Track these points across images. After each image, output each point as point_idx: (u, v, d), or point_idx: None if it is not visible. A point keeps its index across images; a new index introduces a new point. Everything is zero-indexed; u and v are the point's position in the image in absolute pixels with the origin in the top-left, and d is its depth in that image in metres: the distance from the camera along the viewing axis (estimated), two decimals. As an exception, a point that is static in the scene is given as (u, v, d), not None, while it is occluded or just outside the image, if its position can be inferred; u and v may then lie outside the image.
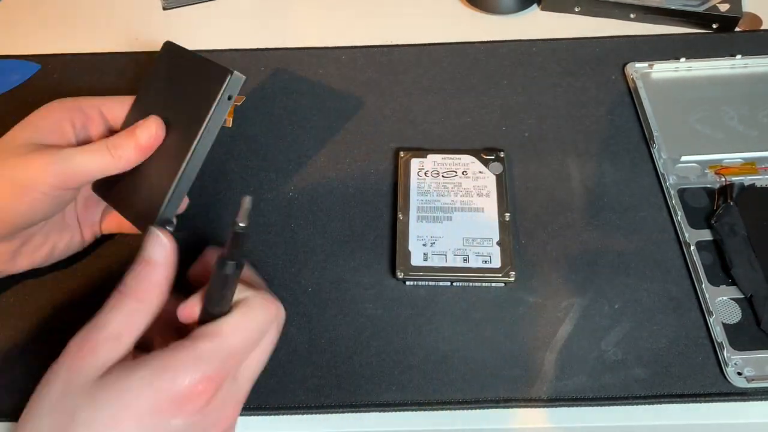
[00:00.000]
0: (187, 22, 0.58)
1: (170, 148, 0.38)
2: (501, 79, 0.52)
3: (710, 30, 0.55)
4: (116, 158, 0.37)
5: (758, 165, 0.46)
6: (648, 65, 0.52)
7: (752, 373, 0.38)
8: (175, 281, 0.34)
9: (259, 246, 0.44)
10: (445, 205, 0.44)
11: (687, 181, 0.46)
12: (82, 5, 0.60)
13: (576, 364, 0.39)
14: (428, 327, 0.41)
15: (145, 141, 0.38)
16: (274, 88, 0.53)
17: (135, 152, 0.38)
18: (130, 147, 0.38)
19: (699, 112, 0.49)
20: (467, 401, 0.38)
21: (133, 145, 0.38)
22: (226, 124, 0.50)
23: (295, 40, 0.56)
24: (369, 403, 0.38)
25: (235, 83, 0.37)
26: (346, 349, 0.40)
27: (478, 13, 0.58)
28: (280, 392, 0.39)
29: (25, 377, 0.39)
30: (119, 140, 0.38)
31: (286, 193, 0.47)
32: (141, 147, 0.38)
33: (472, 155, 0.47)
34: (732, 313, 0.40)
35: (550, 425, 0.38)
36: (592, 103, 0.51)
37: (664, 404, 0.38)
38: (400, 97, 0.52)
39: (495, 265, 0.42)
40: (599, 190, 0.46)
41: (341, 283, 0.43)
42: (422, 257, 0.42)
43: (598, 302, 0.41)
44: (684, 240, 0.43)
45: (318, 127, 0.50)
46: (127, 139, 0.38)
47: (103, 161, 0.37)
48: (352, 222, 0.45)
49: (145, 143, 0.38)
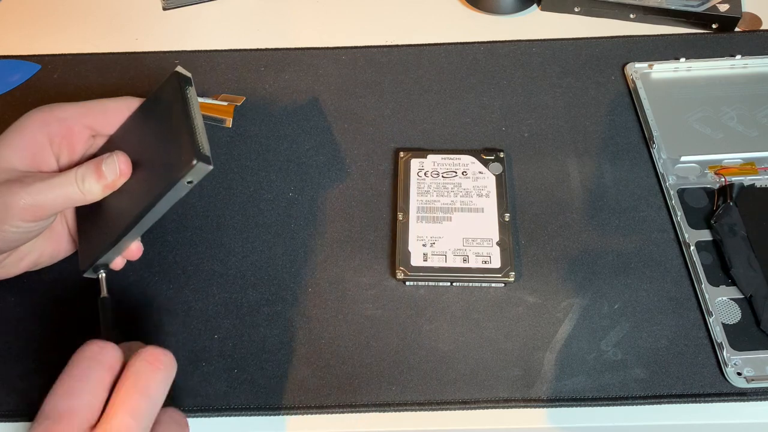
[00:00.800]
0: (187, 22, 0.58)
1: (132, 194, 0.38)
2: (501, 79, 0.52)
3: (710, 30, 0.55)
4: (84, 192, 0.37)
5: (758, 165, 0.46)
6: (648, 65, 0.52)
7: (752, 373, 0.38)
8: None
9: (258, 246, 0.44)
10: (444, 206, 0.44)
11: (687, 181, 0.46)
12: (82, 5, 0.60)
13: (575, 365, 0.39)
14: (428, 327, 0.41)
15: (110, 179, 0.37)
16: (274, 88, 0.53)
17: (101, 189, 0.37)
18: (95, 183, 0.37)
19: (699, 113, 0.50)
20: (467, 401, 0.38)
21: (97, 183, 0.37)
22: (226, 125, 0.50)
23: (295, 40, 0.56)
24: (369, 403, 0.38)
25: (199, 171, 0.35)
26: (346, 349, 0.40)
27: (478, 13, 0.58)
28: (280, 392, 0.39)
29: (21, 378, 0.39)
30: (87, 173, 0.37)
31: (286, 193, 0.47)
32: (107, 185, 0.37)
33: (471, 155, 0.47)
34: (732, 314, 0.40)
35: (549, 425, 0.38)
36: (591, 103, 0.51)
37: (664, 404, 0.38)
38: (400, 97, 0.52)
39: (495, 266, 0.42)
40: (599, 191, 0.46)
41: (341, 283, 0.43)
42: (422, 257, 0.42)
43: (597, 302, 0.41)
44: (684, 240, 0.43)
45: (318, 127, 0.50)
46: (94, 173, 0.37)
47: (71, 194, 0.36)
48: (352, 222, 0.45)
49: (110, 182, 0.37)
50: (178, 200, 0.37)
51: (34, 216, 0.36)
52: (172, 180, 0.35)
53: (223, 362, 0.40)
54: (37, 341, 0.41)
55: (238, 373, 0.40)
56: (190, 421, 0.38)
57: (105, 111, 0.39)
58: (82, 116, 0.38)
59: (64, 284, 0.43)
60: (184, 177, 0.35)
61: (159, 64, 0.54)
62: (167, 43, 0.56)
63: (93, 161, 0.37)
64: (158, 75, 0.53)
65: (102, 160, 0.37)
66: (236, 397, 0.39)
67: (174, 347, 0.40)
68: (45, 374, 0.39)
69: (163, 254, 0.44)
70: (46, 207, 0.36)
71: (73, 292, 0.43)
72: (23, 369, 0.40)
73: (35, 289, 0.43)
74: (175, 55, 0.55)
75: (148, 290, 0.43)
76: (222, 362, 0.40)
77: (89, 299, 0.42)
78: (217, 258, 0.44)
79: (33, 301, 0.42)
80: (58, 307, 0.42)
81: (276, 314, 0.42)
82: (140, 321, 0.42)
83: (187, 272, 0.43)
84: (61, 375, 0.30)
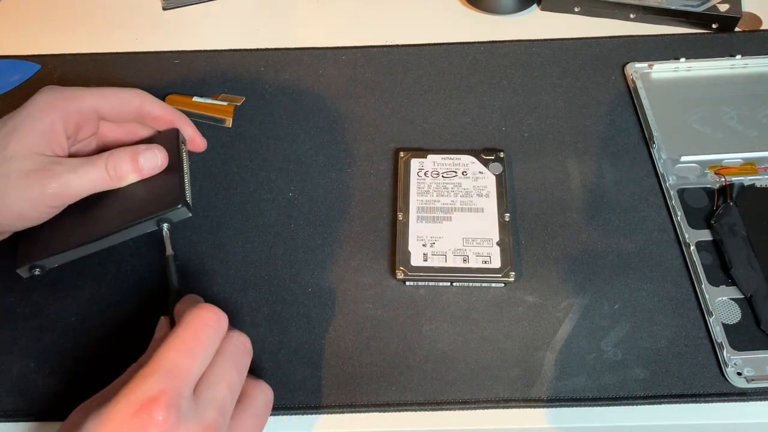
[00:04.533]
0: (187, 22, 0.58)
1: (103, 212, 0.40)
2: (501, 79, 0.52)
3: (710, 30, 0.55)
4: (113, 179, 0.39)
5: (758, 165, 0.46)
6: (648, 65, 0.52)
7: (752, 373, 0.38)
8: None
9: (259, 246, 0.44)
10: (444, 206, 0.44)
11: (687, 181, 0.46)
12: (82, 5, 0.60)
13: (576, 365, 0.39)
14: (428, 327, 0.41)
15: (147, 171, 0.40)
16: (274, 88, 0.53)
17: (133, 178, 0.40)
18: (131, 173, 0.40)
19: (699, 112, 0.50)
20: (467, 401, 0.38)
21: (133, 173, 0.40)
22: (226, 125, 0.50)
23: (295, 40, 0.56)
24: (369, 403, 0.38)
25: (179, 214, 0.39)
26: (346, 349, 0.40)
27: (478, 13, 0.58)
28: (280, 392, 0.39)
29: (23, 378, 0.39)
30: (119, 162, 0.39)
31: (286, 193, 0.47)
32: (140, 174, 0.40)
33: (471, 155, 0.47)
34: (732, 314, 0.40)
35: (549, 425, 0.38)
36: (591, 103, 0.51)
37: (664, 404, 0.38)
38: (400, 97, 0.52)
39: (495, 266, 0.42)
40: (599, 190, 0.46)
41: (341, 283, 0.43)
42: (422, 257, 0.42)
43: (597, 302, 0.41)
44: (684, 240, 0.43)
45: (318, 127, 0.50)
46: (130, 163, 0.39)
47: (100, 181, 0.39)
48: (352, 222, 0.45)
49: (147, 172, 0.40)
50: (139, 234, 0.40)
51: (61, 201, 0.38)
52: (151, 214, 0.39)
53: (223, 362, 0.40)
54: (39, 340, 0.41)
55: (238, 373, 0.40)
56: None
57: (118, 100, 0.41)
58: (95, 104, 0.40)
59: (64, 284, 0.43)
60: (163, 214, 0.39)
61: (159, 64, 0.54)
62: (167, 43, 0.56)
63: (125, 151, 0.40)
64: (158, 75, 0.53)
65: (138, 152, 0.39)
66: (236, 397, 0.39)
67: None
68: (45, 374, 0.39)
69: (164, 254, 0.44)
70: (73, 194, 0.38)
71: (72, 291, 0.42)
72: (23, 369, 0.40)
73: (35, 288, 0.43)
74: (175, 55, 0.55)
75: (148, 290, 0.43)
76: (222, 362, 0.40)
77: (89, 299, 0.42)
78: (217, 258, 0.44)
79: (33, 299, 0.42)
80: (60, 306, 0.42)
81: (276, 314, 0.42)
82: (141, 321, 0.41)
83: (187, 272, 0.43)
84: (181, 332, 0.31)
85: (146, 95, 0.42)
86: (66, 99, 0.39)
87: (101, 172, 0.38)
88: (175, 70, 0.54)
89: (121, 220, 0.39)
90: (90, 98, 0.40)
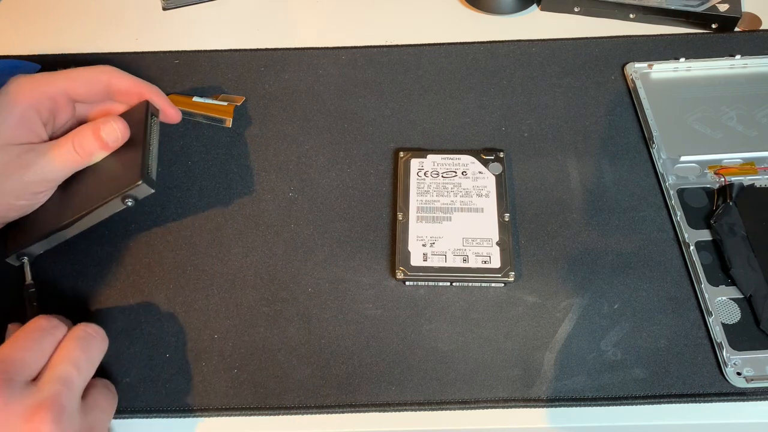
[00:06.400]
0: (187, 22, 0.58)
1: (75, 196, 0.40)
2: (501, 79, 0.52)
3: (709, 30, 0.55)
4: (83, 156, 0.39)
5: (757, 165, 0.46)
6: (647, 65, 0.52)
7: (751, 373, 0.38)
8: None
9: (258, 246, 0.44)
10: (444, 206, 0.44)
11: (686, 181, 0.46)
12: (82, 5, 0.60)
13: (575, 364, 0.39)
14: (428, 327, 0.41)
15: (111, 144, 0.40)
16: (274, 88, 0.53)
17: (101, 152, 0.40)
18: (98, 150, 0.40)
19: (698, 112, 0.50)
20: (467, 401, 0.38)
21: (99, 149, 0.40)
22: (226, 125, 0.50)
23: (295, 40, 0.56)
24: (368, 403, 0.39)
25: (141, 191, 0.39)
26: (346, 349, 0.40)
27: (478, 13, 0.58)
28: (280, 392, 0.39)
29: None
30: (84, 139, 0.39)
31: (286, 193, 0.47)
32: (106, 148, 0.40)
33: (471, 155, 0.47)
34: (731, 313, 0.40)
35: (549, 425, 0.38)
36: (591, 103, 0.51)
37: (664, 404, 0.38)
38: (400, 97, 0.52)
39: (494, 266, 0.42)
40: (599, 191, 0.46)
41: (341, 283, 0.43)
42: (422, 257, 0.42)
43: (597, 302, 0.41)
44: (683, 240, 0.43)
45: (318, 127, 0.50)
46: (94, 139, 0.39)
47: (72, 161, 0.39)
48: (352, 222, 0.45)
49: (110, 145, 0.40)
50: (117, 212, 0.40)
51: (44, 187, 0.39)
52: (115, 193, 0.39)
53: (223, 362, 0.40)
54: None
55: (238, 373, 0.40)
56: (190, 420, 0.39)
57: (85, 79, 0.41)
58: (65, 86, 0.41)
59: (66, 282, 0.43)
60: (126, 192, 0.39)
61: (159, 64, 0.54)
62: (167, 43, 0.56)
63: (87, 127, 0.40)
64: (158, 75, 0.53)
65: (99, 126, 0.39)
66: (236, 397, 0.39)
67: (174, 347, 0.41)
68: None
69: (164, 254, 0.44)
70: (52, 179, 0.39)
71: (77, 284, 0.43)
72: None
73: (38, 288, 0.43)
74: (175, 55, 0.55)
75: (148, 290, 0.43)
76: (222, 362, 0.40)
77: (92, 293, 0.42)
78: (217, 258, 0.44)
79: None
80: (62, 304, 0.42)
81: (276, 314, 0.42)
82: (140, 320, 0.42)
83: (187, 272, 0.43)
84: (17, 333, 0.34)
85: (114, 70, 0.42)
86: (34, 86, 0.40)
87: (70, 152, 0.39)
88: (175, 70, 0.54)
89: (89, 202, 0.40)
90: (58, 82, 0.40)
